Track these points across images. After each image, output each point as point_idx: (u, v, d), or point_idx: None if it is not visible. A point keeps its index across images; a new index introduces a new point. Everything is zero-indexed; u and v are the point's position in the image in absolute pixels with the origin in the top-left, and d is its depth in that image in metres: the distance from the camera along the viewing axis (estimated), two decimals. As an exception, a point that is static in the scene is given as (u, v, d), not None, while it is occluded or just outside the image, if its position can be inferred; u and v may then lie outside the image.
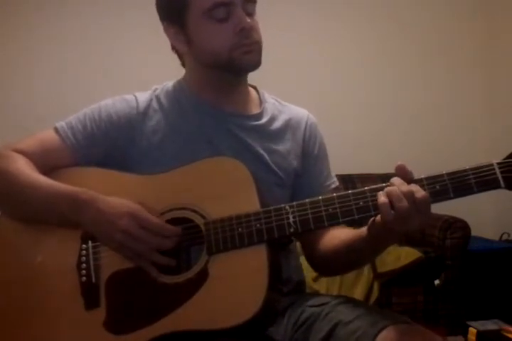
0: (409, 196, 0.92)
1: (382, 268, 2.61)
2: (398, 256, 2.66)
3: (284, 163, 1.22)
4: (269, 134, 1.23)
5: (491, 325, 2.28)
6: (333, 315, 1.05)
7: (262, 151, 1.20)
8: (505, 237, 3.28)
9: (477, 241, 3.03)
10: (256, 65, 1.17)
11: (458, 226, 2.80)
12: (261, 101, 1.28)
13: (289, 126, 1.26)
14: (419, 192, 0.93)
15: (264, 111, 1.26)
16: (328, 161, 1.30)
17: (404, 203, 0.92)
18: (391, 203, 0.93)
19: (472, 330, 2.24)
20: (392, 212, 0.93)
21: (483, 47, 3.62)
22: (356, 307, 1.06)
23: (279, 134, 1.25)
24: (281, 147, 1.23)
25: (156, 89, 1.27)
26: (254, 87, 1.31)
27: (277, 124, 1.25)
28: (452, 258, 2.78)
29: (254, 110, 1.25)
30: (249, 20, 1.13)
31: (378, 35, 3.59)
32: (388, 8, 3.58)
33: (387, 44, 3.60)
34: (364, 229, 1.05)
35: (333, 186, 1.27)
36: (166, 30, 1.21)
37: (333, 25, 3.55)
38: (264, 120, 1.24)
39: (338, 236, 1.15)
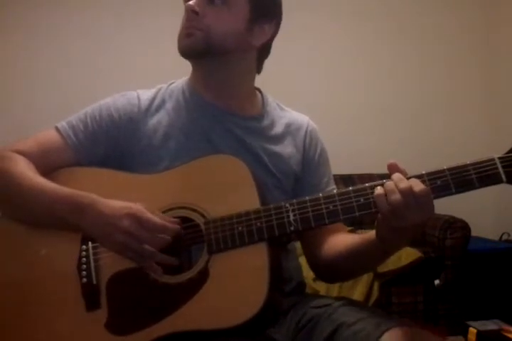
0: (407, 190, 0.91)
1: (382, 268, 2.60)
2: (398, 256, 2.65)
3: (284, 166, 1.21)
4: (269, 137, 1.22)
5: (491, 325, 2.27)
6: (336, 317, 1.04)
7: (261, 153, 1.19)
8: (505, 237, 3.28)
9: (477, 241, 3.03)
10: (183, 49, 1.14)
11: (458, 226, 2.81)
12: (263, 105, 1.26)
13: (289, 132, 1.25)
14: (418, 185, 0.92)
15: (266, 115, 1.25)
16: (329, 167, 1.29)
17: (397, 196, 0.91)
18: (386, 196, 0.92)
19: (472, 330, 2.23)
20: (388, 206, 0.92)
21: (482, 44, 3.63)
22: (359, 310, 1.05)
23: (279, 138, 1.24)
24: (281, 150, 1.22)
25: (161, 87, 1.26)
26: (259, 90, 1.29)
27: (278, 129, 1.24)
28: (452, 258, 2.78)
29: (256, 112, 1.24)
30: (191, 3, 1.12)
31: (376, 34, 3.59)
32: (386, 8, 3.58)
33: (385, 44, 3.60)
34: (372, 232, 1.03)
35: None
36: None
37: (330, 25, 3.55)
38: (265, 123, 1.23)
39: (342, 241, 1.14)
